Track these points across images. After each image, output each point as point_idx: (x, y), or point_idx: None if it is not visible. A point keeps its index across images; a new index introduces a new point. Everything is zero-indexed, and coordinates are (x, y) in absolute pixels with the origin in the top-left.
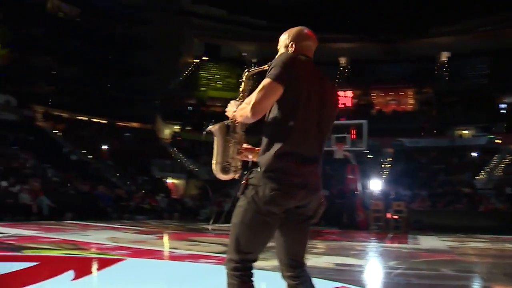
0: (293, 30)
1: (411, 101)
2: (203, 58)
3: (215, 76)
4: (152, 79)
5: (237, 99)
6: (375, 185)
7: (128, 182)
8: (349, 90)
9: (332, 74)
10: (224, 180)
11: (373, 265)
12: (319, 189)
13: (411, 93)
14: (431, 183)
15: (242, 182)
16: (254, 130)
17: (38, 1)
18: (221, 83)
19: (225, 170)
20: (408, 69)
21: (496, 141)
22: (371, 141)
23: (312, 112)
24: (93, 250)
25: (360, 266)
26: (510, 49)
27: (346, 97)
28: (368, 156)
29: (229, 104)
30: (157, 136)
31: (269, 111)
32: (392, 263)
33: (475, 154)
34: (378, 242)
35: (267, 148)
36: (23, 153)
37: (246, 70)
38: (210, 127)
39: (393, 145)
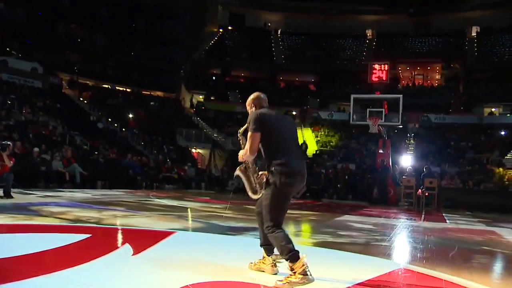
0: (253, 97)
1: (438, 77)
2: (228, 27)
3: (240, 45)
4: (177, 48)
5: (242, 147)
6: (406, 160)
7: (155, 151)
8: (385, 63)
9: (358, 46)
10: None
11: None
12: (305, 175)
13: (439, 68)
14: (459, 161)
15: (263, 181)
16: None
17: None
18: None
19: (255, 192)
20: (437, 43)
21: None
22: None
23: (284, 132)
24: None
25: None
26: None
27: (381, 71)
28: (394, 131)
29: (239, 153)
30: (182, 105)
31: (261, 146)
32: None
33: (503, 133)
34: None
35: (271, 162)
36: (51, 120)
37: (238, 131)
38: (236, 172)
39: (419, 121)
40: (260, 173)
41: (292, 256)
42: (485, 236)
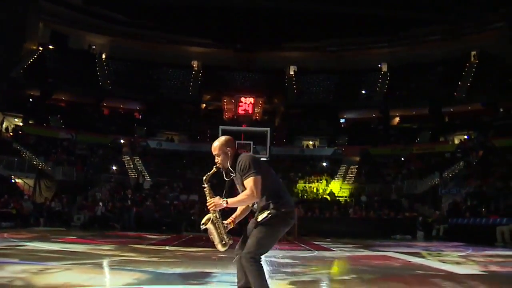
0: (226, 140)
1: (260, 110)
2: (49, 46)
3: (62, 67)
4: None
5: (209, 196)
6: None
7: None
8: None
9: (185, 77)
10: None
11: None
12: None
13: (261, 102)
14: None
15: (265, 216)
16: None
17: None
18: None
19: (224, 245)
20: (260, 79)
21: (340, 152)
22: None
23: (273, 173)
24: None
25: None
26: (351, 70)
27: (247, 104)
28: None
29: (214, 200)
30: None
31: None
32: None
33: (325, 164)
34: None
35: (273, 200)
36: None
37: (203, 177)
38: (204, 226)
39: (249, 152)
40: (225, 222)
41: None
42: (396, 261)
